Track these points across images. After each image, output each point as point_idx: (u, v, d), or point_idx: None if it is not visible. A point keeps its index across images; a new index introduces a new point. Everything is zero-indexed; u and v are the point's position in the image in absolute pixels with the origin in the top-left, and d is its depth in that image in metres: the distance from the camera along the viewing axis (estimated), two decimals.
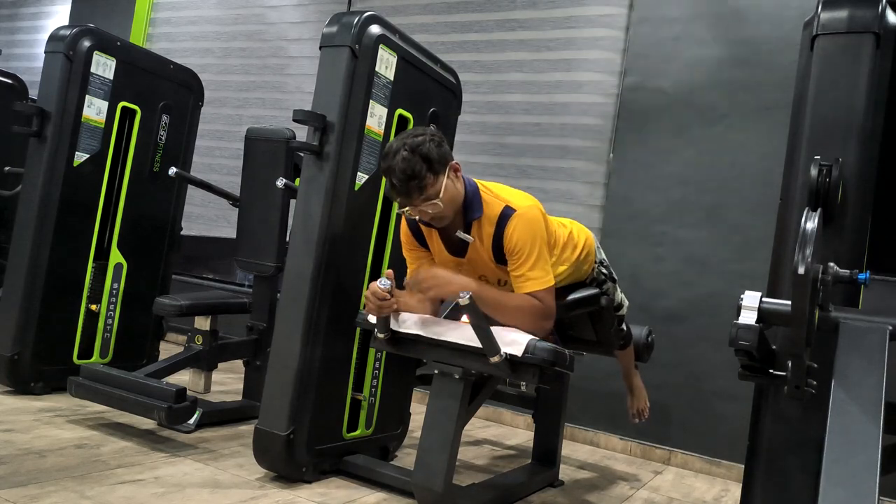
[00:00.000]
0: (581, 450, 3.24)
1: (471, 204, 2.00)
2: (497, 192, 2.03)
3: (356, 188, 2.25)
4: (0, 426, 2.41)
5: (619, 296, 2.42)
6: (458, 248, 2.08)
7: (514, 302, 1.96)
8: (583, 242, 2.24)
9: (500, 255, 2.02)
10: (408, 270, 2.20)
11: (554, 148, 3.66)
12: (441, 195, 1.91)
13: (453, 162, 1.98)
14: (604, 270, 2.34)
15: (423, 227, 2.12)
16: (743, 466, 1.94)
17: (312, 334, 2.18)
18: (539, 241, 1.98)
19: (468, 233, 2.03)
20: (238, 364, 3.16)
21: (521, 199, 2.02)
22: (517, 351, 1.87)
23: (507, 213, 1.97)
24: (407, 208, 1.95)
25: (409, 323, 2.03)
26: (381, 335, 2.05)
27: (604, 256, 2.39)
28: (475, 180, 2.06)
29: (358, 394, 2.42)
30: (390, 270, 2.00)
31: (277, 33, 4.72)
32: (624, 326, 2.50)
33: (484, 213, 2.00)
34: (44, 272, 2.87)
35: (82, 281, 3.04)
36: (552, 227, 2.10)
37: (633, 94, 3.45)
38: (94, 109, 2.97)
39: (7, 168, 3.67)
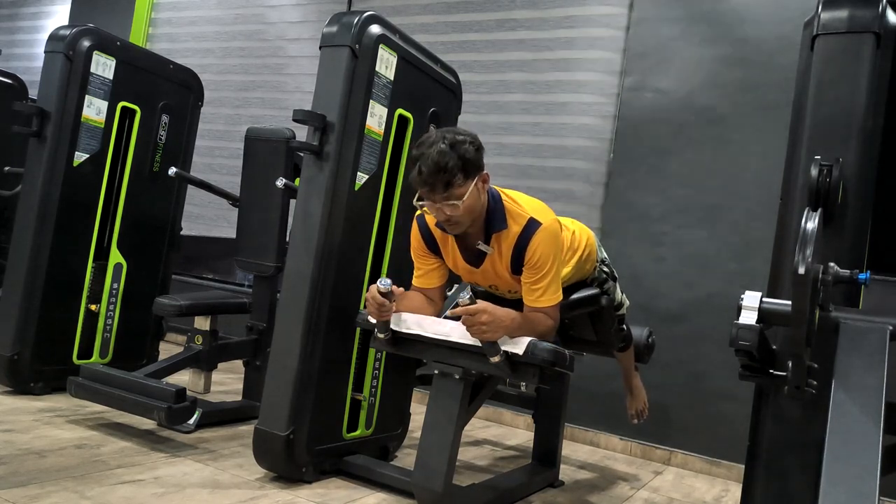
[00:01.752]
0: (581, 450, 3.24)
1: (493, 216, 2.00)
2: (521, 203, 2.03)
3: (356, 188, 2.25)
4: (0, 426, 2.41)
5: (620, 295, 2.42)
6: (474, 258, 2.09)
7: (539, 331, 1.97)
8: (584, 242, 2.24)
9: (517, 266, 2.02)
10: (414, 275, 2.20)
11: (554, 148, 3.66)
12: (464, 199, 1.89)
13: (484, 172, 1.97)
14: (605, 269, 2.34)
15: (437, 234, 2.11)
16: (743, 466, 1.94)
17: (312, 334, 2.18)
18: (559, 257, 2.01)
19: (488, 243, 2.03)
20: (238, 364, 3.16)
21: (543, 213, 2.02)
22: (518, 349, 1.87)
23: (532, 227, 1.97)
24: (424, 204, 1.94)
25: (409, 323, 2.03)
26: (381, 335, 2.05)
27: (605, 255, 2.40)
28: (498, 189, 2.05)
29: (358, 394, 2.42)
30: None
31: (277, 33, 4.72)
32: (624, 327, 2.50)
33: (507, 226, 2.00)
34: (44, 272, 2.87)
35: (82, 281, 3.04)
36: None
37: (633, 94, 3.45)
38: (94, 109, 2.97)
39: (7, 168, 3.67)
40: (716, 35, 3.29)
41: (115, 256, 3.16)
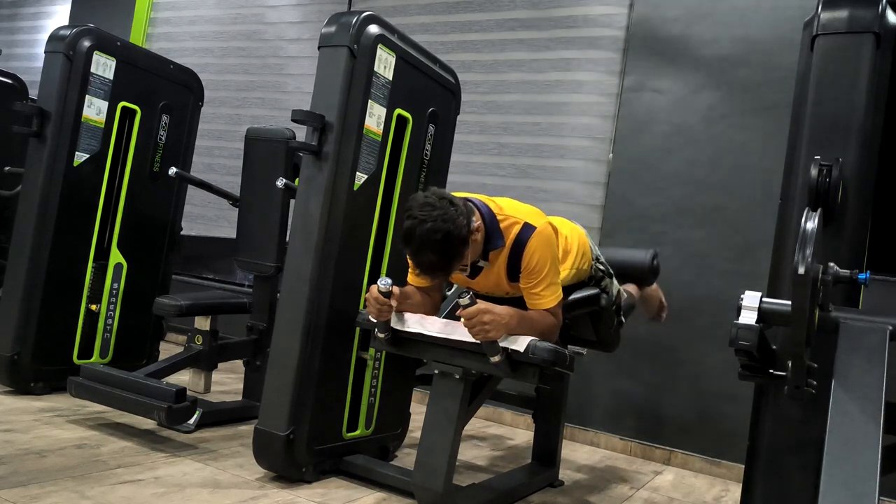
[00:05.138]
0: (581, 450, 3.24)
1: (491, 236, 1.99)
2: (510, 212, 2.02)
3: (355, 188, 2.25)
4: (0, 426, 2.41)
5: (617, 289, 2.40)
6: (470, 271, 2.08)
7: (539, 328, 1.97)
8: (577, 244, 2.23)
9: (514, 273, 2.02)
10: (410, 272, 2.20)
11: (553, 148, 3.66)
12: (467, 267, 1.94)
13: (474, 226, 1.91)
14: (601, 267, 2.33)
15: None
16: (743, 466, 1.94)
17: (312, 334, 2.18)
18: (555, 258, 2.02)
19: (486, 259, 2.03)
20: (238, 364, 3.16)
21: (536, 217, 2.02)
22: (519, 347, 1.87)
23: (526, 231, 1.98)
24: None
25: (410, 322, 2.03)
26: (381, 335, 2.05)
27: (598, 251, 2.38)
28: (487, 202, 2.02)
29: (364, 353, 2.37)
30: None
31: (277, 33, 4.72)
32: (623, 319, 2.48)
33: (504, 243, 1.99)
34: (44, 272, 2.87)
35: (82, 281, 3.04)
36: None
37: (633, 94, 3.45)
38: (94, 109, 2.97)
39: (7, 168, 3.67)
40: (715, 35, 3.29)
41: (116, 256, 3.16)
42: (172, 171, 3.15)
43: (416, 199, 1.90)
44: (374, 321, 2.04)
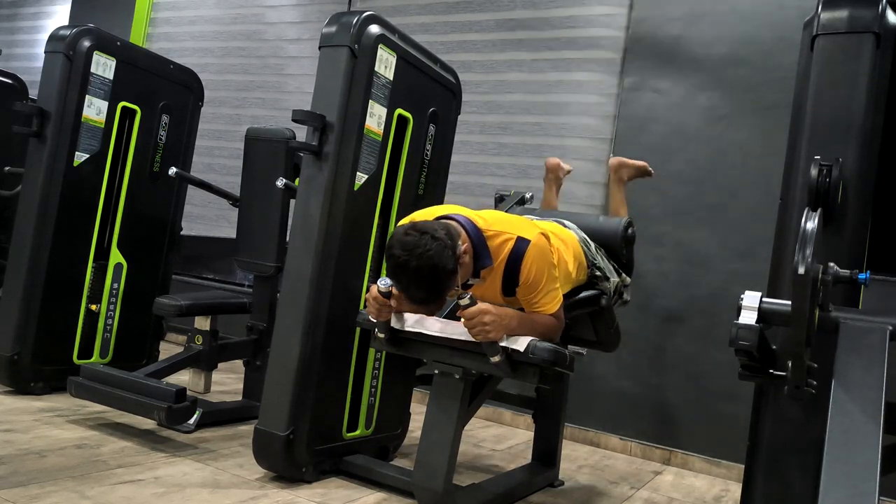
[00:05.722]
0: (581, 450, 3.24)
1: (479, 255, 1.96)
2: (499, 227, 1.98)
3: (356, 188, 2.25)
4: (0, 426, 2.41)
5: (615, 283, 2.36)
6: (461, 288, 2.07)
7: (540, 329, 1.96)
8: (572, 255, 2.19)
9: (510, 287, 2.00)
10: None
11: (554, 148, 3.65)
12: (458, 288, 1.92)
13: (461, 250, 1.86)
14: (597, 273, 2.31)
15: None
16: (743, 466, 1.94)
17: (312, 334, 2.18)
18: (551, 266, 1.99)
19: (477, 277, 2.02)
20: (238, 364, 3.16)
21: (528, 228, 1.98)
22: (519, 346, 1.87)
23: (521, 245, 1.94)
24: None
25: (410, 322, 2.03)
26: (381, 335, 2.05)
27: (593, 254, 2.33)
28: (473, 220, 1.98)
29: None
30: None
31: (277, 33, 4.72)
32: (627, 298, 2.46)
33: (493, 262, 1.97)
34: (44, 272, 2.87)
35: (82, 281, 3.04)
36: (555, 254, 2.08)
37: (633, 94, 3.45)
38: (94, 109, 2.97)
39: (7, 168, 3.67)
40: (715, 35, 3.29)
41: (116, 256, 3.16)
42: (172, 171, 3.15)
43: (397, 236, 1.85)
44: (374, 321, 2.03)
